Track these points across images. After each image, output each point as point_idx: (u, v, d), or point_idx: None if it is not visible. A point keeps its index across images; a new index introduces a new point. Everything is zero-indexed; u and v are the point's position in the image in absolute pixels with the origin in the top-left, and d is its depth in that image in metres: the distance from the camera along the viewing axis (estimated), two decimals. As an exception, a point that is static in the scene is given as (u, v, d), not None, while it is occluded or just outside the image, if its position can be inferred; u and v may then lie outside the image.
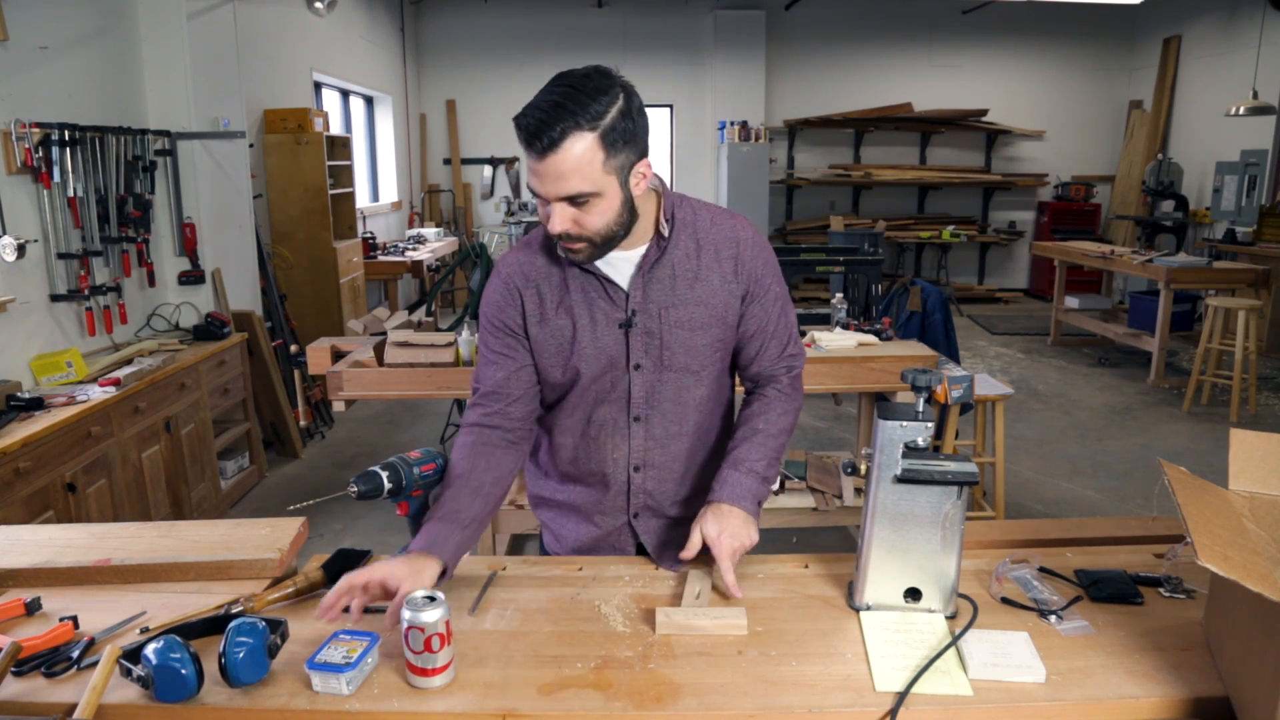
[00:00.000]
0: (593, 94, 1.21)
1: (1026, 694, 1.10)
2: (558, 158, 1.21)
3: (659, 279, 1.40)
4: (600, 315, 1.41)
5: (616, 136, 1.23)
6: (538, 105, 1.21)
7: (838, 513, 3.28)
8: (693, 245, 1.41)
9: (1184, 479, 1.17)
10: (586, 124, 1.20)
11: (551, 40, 9.17)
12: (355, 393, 3.08)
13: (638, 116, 1.27)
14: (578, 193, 1.24)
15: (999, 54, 9.45)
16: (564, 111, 1.19)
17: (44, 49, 3.26)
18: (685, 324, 1.41)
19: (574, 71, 1.25)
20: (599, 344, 1.41)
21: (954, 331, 4.30)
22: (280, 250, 5.47)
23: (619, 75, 1.27)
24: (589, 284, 1.41)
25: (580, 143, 1.21)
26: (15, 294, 3.11)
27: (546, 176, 1.23)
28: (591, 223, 1.28)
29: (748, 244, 1.43)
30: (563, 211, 1.27)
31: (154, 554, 1.43)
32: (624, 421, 1.46)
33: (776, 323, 1.48)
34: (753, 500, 1.41)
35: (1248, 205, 7.48)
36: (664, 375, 1.43)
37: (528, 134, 1.21)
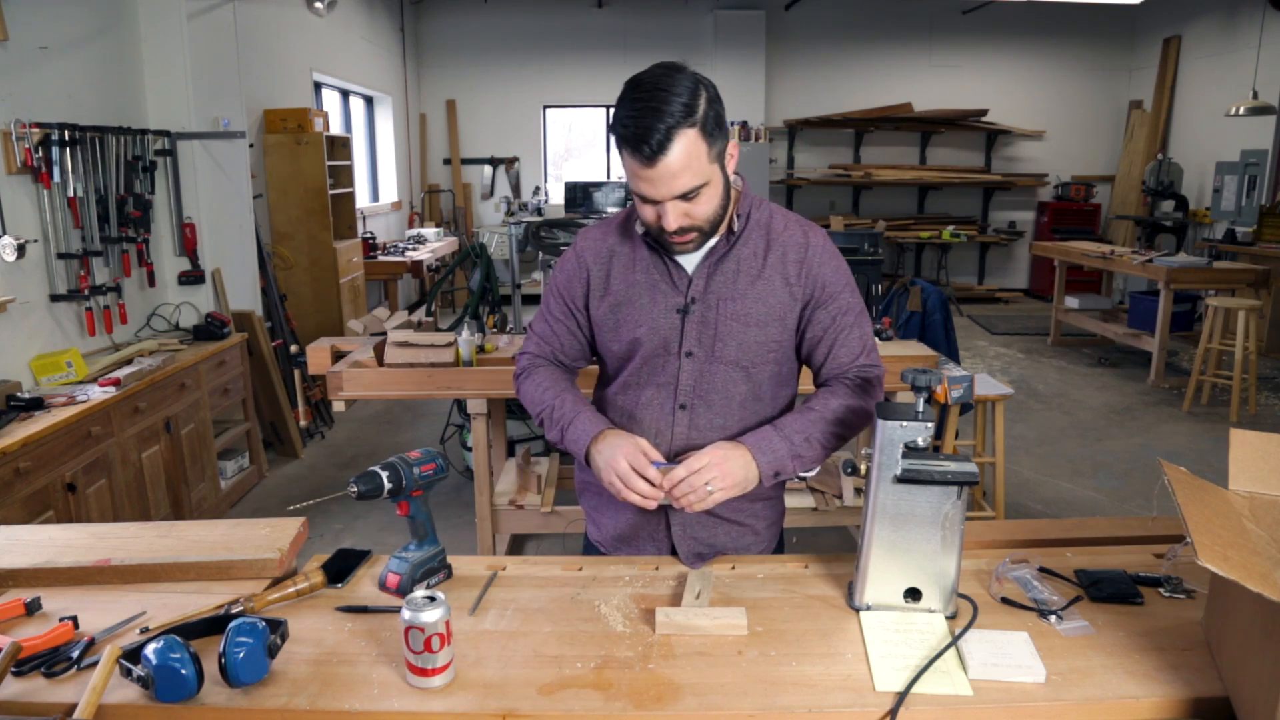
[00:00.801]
0: (680, 92, 1.25)
1: (1026, 694, 1.10)
2: (668, 160, 1.25)
3: (723, 271, 1.43)
4: (661, 296, 1.45)
5: (712, 125, 1.28)
6: (634, 114, 1.25)
7: (838, 513, 3.28)
8: (762, 245, 1.45)
9: (1184, 479, 1.17)
10: (685, 120, 1.25)
11: (551, 40, 9.18)
12: (355, 393, 3.08)
13: (719, 103, 1.31)
14: (690, 188, 1.29)
15: (999, 54, 9.45)
16: (662, 113, 1.23)
17: (44, 49, 3.26)
18: (740, 318, 1.43)
19: (648, 74, 1.28)
20: (655, 324, 1.45)
21: (954, 331, 4.30)
22: (280, 250, 5.47)
23: (687, 67, 1.31)
24: (655, 265, 1.45)
25: (685, 140, 1.25)
26: (15, 294, 3.11)
27: (659, 180, 1.27)
28: (701, 211, 1.34)
29: (817, 251, 1.45)
30: (675, 208, 1.31)
31: (154, 554, 1.43)
32: (669, 408, 1.48)
33: (847, 331, 1.47)
34: (771, 462, 1.37)
35: (1248, 205, 7.48)
36: (714, 366, 1.45)
37: (634, 142, 1.25)
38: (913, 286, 4.37)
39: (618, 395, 1.53)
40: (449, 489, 4.22)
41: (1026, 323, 8.35)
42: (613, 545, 1.60)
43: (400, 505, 1.38)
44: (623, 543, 1.58)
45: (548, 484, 3.51)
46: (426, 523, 1.41)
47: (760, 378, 1.47)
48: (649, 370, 1.48)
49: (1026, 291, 9.97)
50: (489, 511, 3.30)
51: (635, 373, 1.49)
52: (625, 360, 1.50)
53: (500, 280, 5.58)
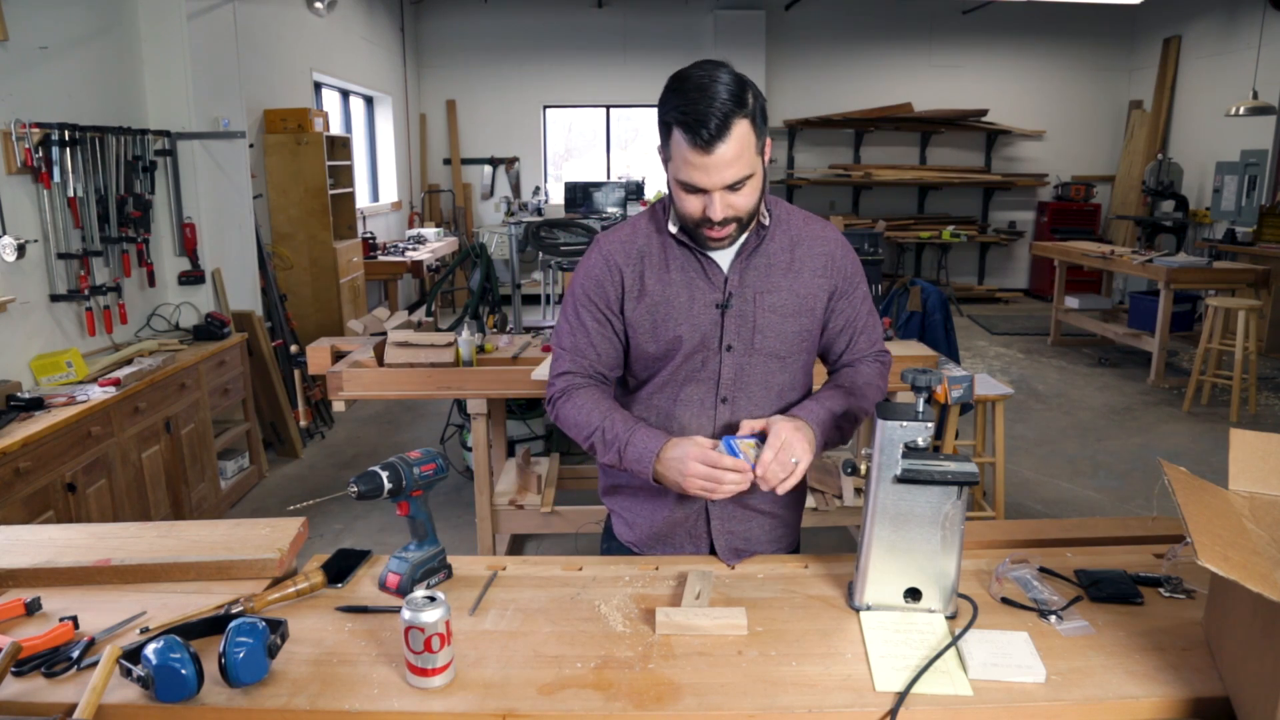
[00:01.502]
0: (730, 83, 1.28)
1: (1026, 694, 1.10)
2: (726, 146, 1.27)
3: (756, 266, 1.46)
4: (699, 294, 1.46)
5: (760, 117, 1.32)
6: (690, 101, 1.27)
7: (838, 513, 3.28)
8: (787, 240, 1.48)
9: (1184, 479, 1.17)
10: (740, 110, 1.28)
11: (551, 40, 9.18)
12: (355, 393, 3.08)
13: (762, 97, 1.34)
14: (741, 176, 1.31)
15: (999, 54, 9.44)
16: (719, 102, 1.26)
17: (44, 49, 3.26)
18: (778, 309, 1.46)
19: (694, 69, 1.31)
20: (695, 321, 1.45)
21: (954, 331, 4.29)
22: (280, 250, 5.47)
23: (723, 61, 1.33)
24: (689, 263, 1.46)
25: (740, 128, 1.28)
26: (15, 294, 3.10)
27: (713, 168, 1.29)
28: (744, 203, 1.35)
29: (838, 245, 1.51)
30: (723, 198, 1.33)
31: (154, 554, 1.43)
32: (711, 402, 1.49)
33: (865, 319, 1.55)
34: (821, 431, 1.42)
35: (1248, 205, 7.48)
36: (753, 359, 1.47)
37: (693, 128, 1.26)
38: (913, 286, 4.37)
39: (654, 395, 1.52)
40: (449, 489, 4.22)
41: (1026, 323, 8.35)
42: (648, 545, 1.59)
43: (400, 505, 1.38)
44: (659, 541, 1.58)
45: (548, 484, 3.51)
46: (426, 523, 1.41)
47: (795, 366, 1.52)
48: (689, 367, 1.48)
49: (1026, 291, 9.97)
50: (489, 511, 3.30)
51: (674, 371, 1.49)
52: (662, 360, 1.49)
53: (500, 280, 5.59)
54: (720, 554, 1.52)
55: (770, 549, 1.58)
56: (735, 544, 1.53)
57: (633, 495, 1.60)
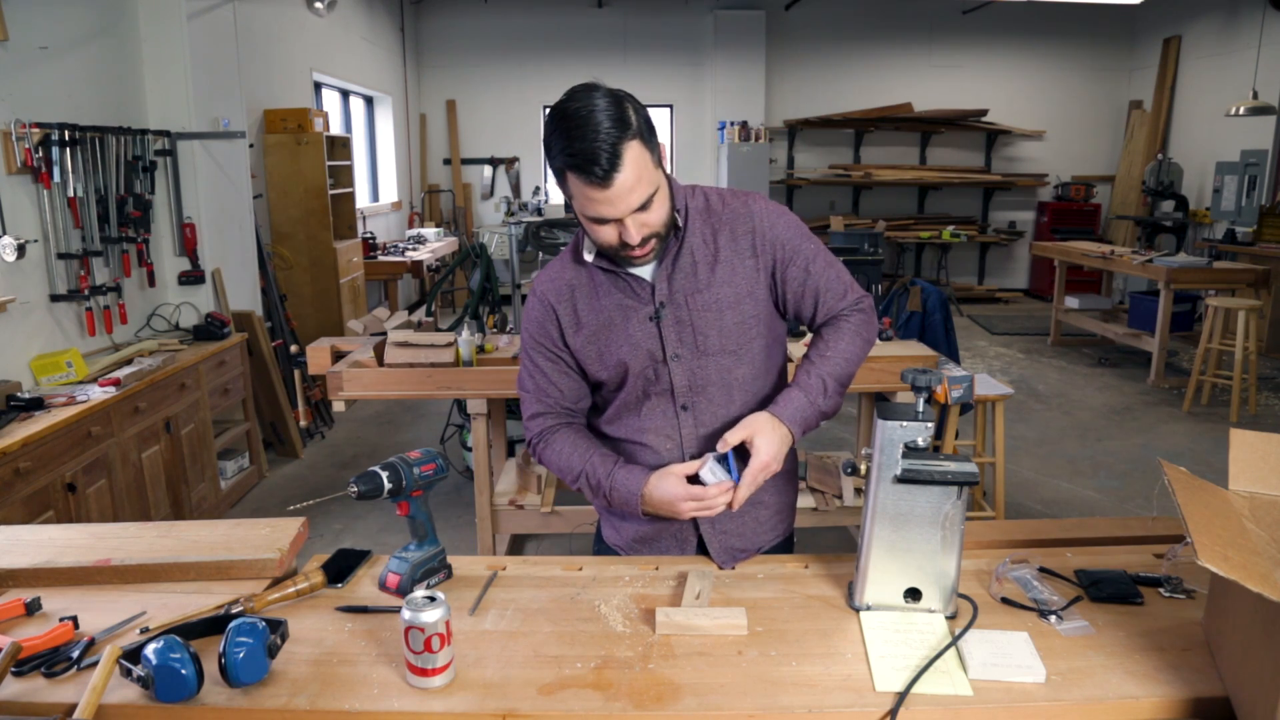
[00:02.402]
0: (608, 108, 1.24)
1: (1026, 694, 1.10)
2: (623, 176, 1.25)
3: (680, 269, 1.43)
4: (631, 312, 1.45)
5: (647, 132, 1.29)
6: (572, 139, 1.23)
7: (838, 513, 3.28)
8: (708, 230, 1.44)
9: (1184, 479, 1.17)
10: (626, 134, 1.24)
11: (551, 40, 9.18)
12: (355, 393, 3.08)
13: (643, 107, 1.31)
14: (646, 197, 1.29)
15: (999, 54, 9.44)
16: (602, 132, 1.22)
17: (44, 49, 3.26)
18: (712, 306, 1.43)
19: (570, 101, 1.26)
20: (633, 340, 1.45)
21: (954, 331, 4.29)
22: (280, 250, 5.47)
23: (601, 84, 1.29)
24: (616, 284, 1.45)
25: (631, 152, 1.25)
26: (15, 294, 3.11)
27: (616, 199, 1.27)
28: (657, 218, 1.34)
29: (762, 216, 1.45)
30: (635, 221, 1.31)
31: (154, 554, 1.43)
32: (672, 412, 1.48)
33: (825, 277, 1.48)
34: (797, 420, 1.41)
35: (1248, 205, 7.48)
36: (704, 360, 1.45)
37: (587, 164, 1.23)
38: (913, 286, 4.37)
39: (620, 415, 1.53)
40: (449, 489, 4.22)
41: (1026, 323, 8.35)
42: (631, 547, 1.60)
43: (400, 505, 1.38)
44: (643, 544, 1.58)
45: (548, 484, 3.51)
46: (426, 523, 1.41)
47: (751, 356, 1.48)
48: (643, 383, 1.48)
49: (1026, 291, 9.97)
50: (489, 511, 3.30)
51: (631, 390, 1.49)
52: (618, 383, 1.50)
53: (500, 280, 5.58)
54: (715, 557, 1.50)
55: (767, 538, 1.57)
56: (730, 542, 1.52)
57: None
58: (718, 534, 1.52)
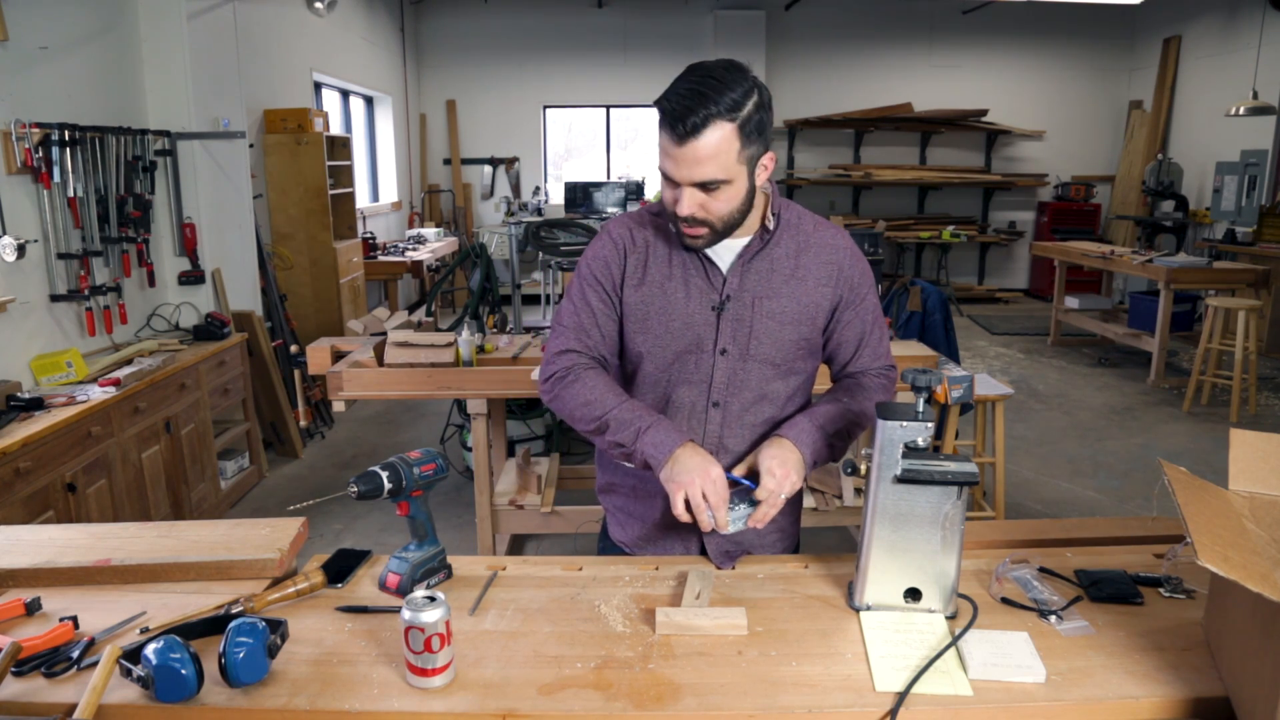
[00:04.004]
0: (732, 85, 1.26)
1: (1026, 694, 1.10)
2: (698, 144, 1.26)
3: (757, 270, 1.44)
4: (696, 293, 1.44)
5: (752, 128, 1.29)
6: (680, 92, 1.26)
7: (838, 513, 3.28)
8: (794, 245, 1.46)
9: (1184, 479, 1.17)
10: (727, 114, 1.26)
11: (551, 40, 9.18)
12: (355, 393, 3.08)
13: (768, 111, 1.32)
14: (711, 179, 1.29)
15: (999, 54, 9.44)
16: (707, 100, 1.25)
17: (44, 49, 3.26)
18: (776, 316, 1.44)
19: (710, 63, 1.30)
20: (690, 321, 1.44)
21: (954, 331, 4.30)
22: (280, 250, 5.47)
23: (750, 70, 1.32)
24: (690, 261, 1.45)
25: (720, 131, 1.26)
26: (15, 294, 3.11)
27: (683, 161, 1.28)
28: (717, 208, 1.34)
29: (848, 254, 1.48)
30: (692, 196, 1.32)
31: (154, 554, 1.43)
32: (703, 405, 1.48)
33: (871, 331, 1.51)
34: (811, 452, 1.41)
35: (1248, 205, 7.48)
36: (747, 364, 1.46)
37: (672, 118, 1.26)
38: (913, 286, 4.37)
39: (646, 394, 1.51)
40: (449, 489, 4.22)
41: (1026, 323, 8.35)
42: (640, 545, 1.60)
43: (400, 505, 1.38)
44: (650, 542, 1.59)
45: (548, 484, 3.51)
46: (426, 523, 1.41)
47: (792, 375, 1.49)
48: (681, 367, 1.47)
49: (1026, 291, 9.97)
50: (489, 511, 3.30)
51: (667, 369, 1.48)
52: (654, 358, 1.47)
53: (500, 280, 5.59)
54: (712, 557, 1.50)
55: (770, 552, 1.58)
56: (727, 547, 1.52)
57: (627, 495, 1.60)
58: (716, 539, 1.52)
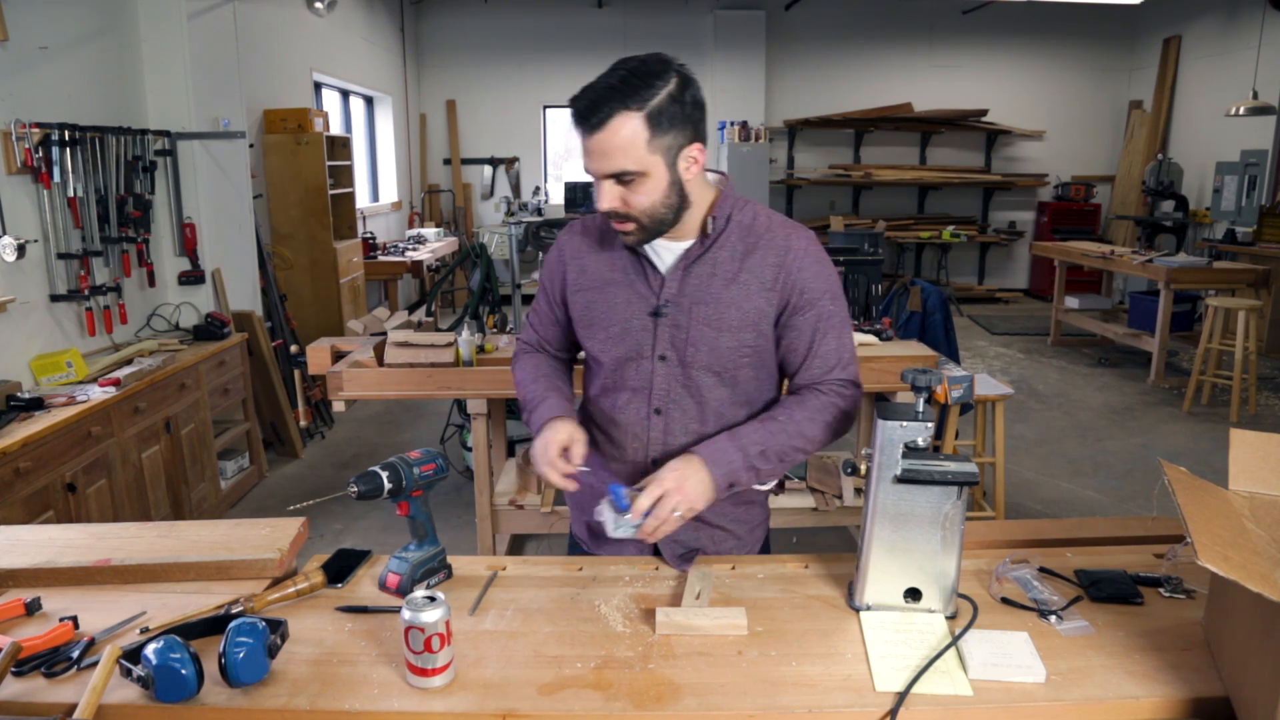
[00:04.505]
0: (645, 77, 1.27)
1: (1026, 694, 1.10)
2: (604, 135, 1.27)
3: (697, 274, 1.41)
4: (635, 297, 1.44)
5: (664, 118, 1.27)
6: (591, 86, 1.28)
7: (838, 513, 3.28)
8: (741, 248, 1.40)
9: (1184, 479, 1.17)
10: (634, 105, 1.26)
11: (551, 40, 9.17)
12: (355, 393, 3.08)
13: (690, 102, 1.31)
14: (622, 170, 1.29)
15: (999, 54, 9.44)
16: (613, 92, 1.26)
17: (44, 49, 3.26)
18: (713, 323, 1.40)
19: (631, 57, 1.31)
20: (629, 326, 1.44)
21: (954, 331, 4.29)
22: (280, 250, 5.47)
23: (677, 62, 1.32)
24: (632, 265, 1.44)
25: (626, 122, 1.26)
26: (15, 294, 3.10)
27: (594, 153, 1.30)
28: (638, 202, 1.32)
29: (798, 254, 1.39)
30: (610, 189, 1.32)
31: (154, 554, 1.43)
32: (645, 412, 1.47)
33: (822, 340, 1.41)
34: (726, 474, 1.34)
35: (1248, 205, 7.48)
36: (687, 371, 1.43)
37: (578, 113, 1.28)
38: (913, 286, 4.37)
39: (600, 399, 1.53)
40: (449, 489, 4.22)
41: (1026, 323, 8.35)
42: (593, 542, 1.59)
43: (400, 505, 1.38)
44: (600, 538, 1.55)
45: (548, 484, 3.50)
46: (426, 523, 1.41)
47: (736, 383, 1.44)
48: (623, 374, 1.46)
49: (1026, 291, 9.97)
50: (489, 511, 3.30)
51: (611, 375, 1.48)
52: (603, 361, 1.49)
53: (500, 280, 5.58)
54: (668, 559, 1.48)
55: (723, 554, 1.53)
56: (681, 550, 1.49)
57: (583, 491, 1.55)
58: (669, 542, 1.49)
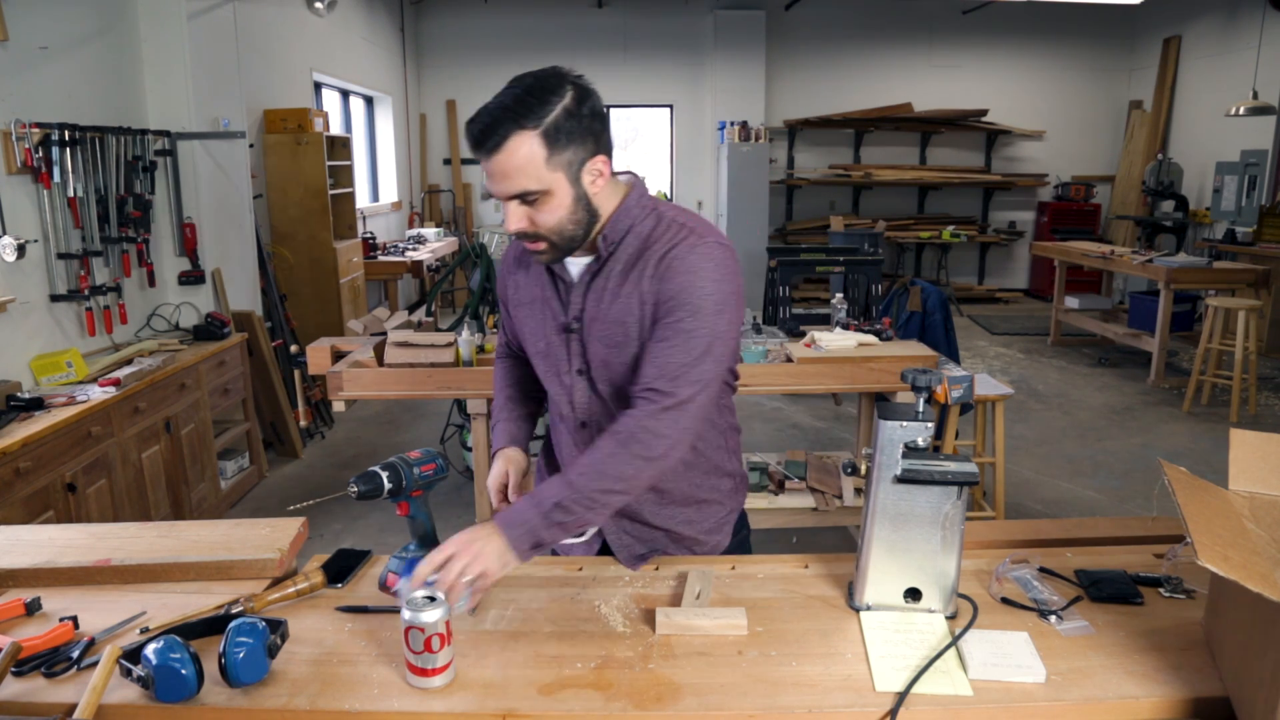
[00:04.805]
0: (539, 94, 1.23)
1: (1026, 694, 1.10)
2: (501, 157, 1.23)
3: (596, 291, 1.37)
4: (550, 315, 1.43)
5: (561, 134, 1.23)
6: (485, 108, 1.24)
7: (838, 513, 3.28)
8: (631, 261, 1.34)
9: (1184, 479, 1.17)
10: (529, 124, 1.22)
11: (551, 40, 9.17)
12: (355, 393, 3.08)
13: (588, 114, 1.26)
14: (524, 190, 1.25)
15: (999, 54, 9.45)
16: (507, 113, 1.22)
17: (44, 49, 3.26)
18: (606, 340, 1.37)
19: (525, 74, 1.27)
20: (550, 342, 1.44)
21: (954, 331, 4.29)
22: (280, 250, 5.47)
23: (573, 74, 1.27)
24: (549, 283, 1.43)
25: (523, 142, 1.22)
26: (15, 294, 3.10)
27: (494, 176, 1.26)
28: (544, 220, 1.28)
29: (675, 260, 1.30)
30: (516, 210, 1.29)
31: (154, 554, 1.43)
32: (574, 425, 1.47)
33: (664, 348, 1.29)
34: (523, 535, 1.25)
35: (1248, 205, 7.48)
36: (596, 387, 1.42)
37: (473, 137, 1.25)
38: (913, 286, 4.37)
39: (549, 412, 1.55)
40: (449, 489, 4.22)
41: (1026, 323, 8.35)
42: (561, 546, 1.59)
43: (400, 505, 1.38)
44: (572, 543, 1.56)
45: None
46: (427, 523, 1.41)
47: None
48: (554, 388, 1.48)
49: (1026, 291, 9.97)
50: (489, 511, 3.29)
51: (549, 388, 1.50)
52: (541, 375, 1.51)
53: (500, 280, 5.57)
54: (623, 562, 1.48)
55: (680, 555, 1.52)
56: (639, 550, 1.49)
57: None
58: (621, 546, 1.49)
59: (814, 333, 3.39)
